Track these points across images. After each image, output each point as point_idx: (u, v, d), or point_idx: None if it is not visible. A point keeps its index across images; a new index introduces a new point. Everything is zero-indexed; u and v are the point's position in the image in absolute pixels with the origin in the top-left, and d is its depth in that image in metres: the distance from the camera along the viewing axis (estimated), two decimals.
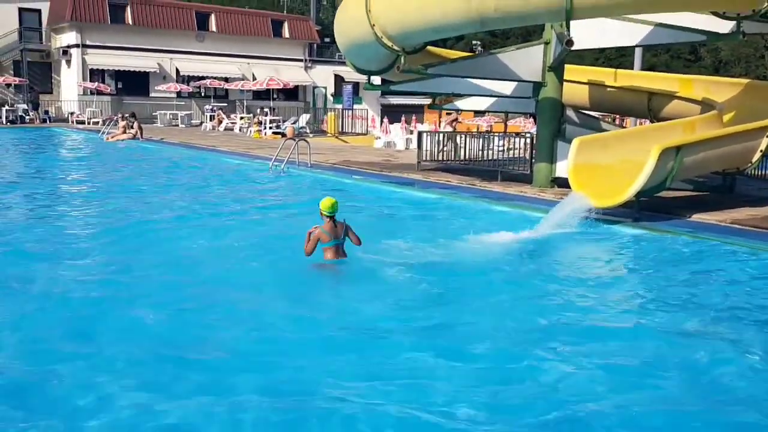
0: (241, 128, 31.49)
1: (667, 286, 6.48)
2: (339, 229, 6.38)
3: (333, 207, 6.31)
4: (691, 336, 5.12)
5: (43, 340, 4.85)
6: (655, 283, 6.66)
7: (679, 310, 5.73)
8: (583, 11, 8.92)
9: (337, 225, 6.39)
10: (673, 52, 63.63)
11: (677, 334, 5.17)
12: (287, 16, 47.45)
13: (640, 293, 6.37)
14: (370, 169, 15.11)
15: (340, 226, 6.41)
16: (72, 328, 5.09)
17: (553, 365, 4.46)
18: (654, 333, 5.17)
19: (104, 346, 4.69)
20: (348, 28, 11.34)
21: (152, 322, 5.16)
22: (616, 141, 9.90)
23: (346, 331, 5.12)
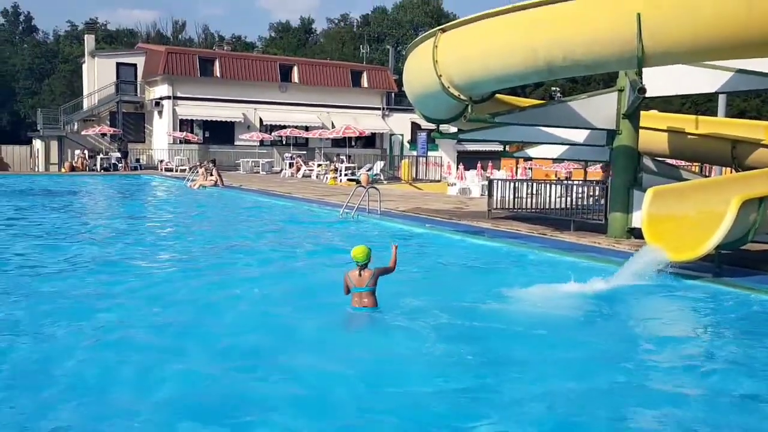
0: (318, 175, 32.17)
1: (748, 349, 5.99)
2: (363, 278, 6.33)
3: (356, 255, 6.31)
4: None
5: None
6: (733, 345, 6.17)
7: (760, 377, 5.27)
8: (656, 59, 8.64)
9: (362, 273, 6.34)
10: (764, 96, 60.87)
11: (754, 403, 4.73)
12: (366, 67, 48.67)
13: (715, 356, 5.90)
14: (439, 216, 15.01)
15: (366, 274, 6.34)
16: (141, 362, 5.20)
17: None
18: (729, 400, 4.76)
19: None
20: (416, 79, 11.43)
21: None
22: (694, 191, 9.41)
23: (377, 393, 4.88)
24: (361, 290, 6.35)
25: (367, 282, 6.32)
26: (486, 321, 6.74)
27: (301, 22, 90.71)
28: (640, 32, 8.09)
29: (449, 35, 10.09)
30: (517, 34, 9.15)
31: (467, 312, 6.96)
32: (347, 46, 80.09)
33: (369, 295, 6.36)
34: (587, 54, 8.77)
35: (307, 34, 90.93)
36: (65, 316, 6.66)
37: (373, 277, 6.34)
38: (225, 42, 61.69)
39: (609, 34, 8.43)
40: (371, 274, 6.33)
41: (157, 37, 77.40)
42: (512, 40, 9.21)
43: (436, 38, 10.13)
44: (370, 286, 6.34)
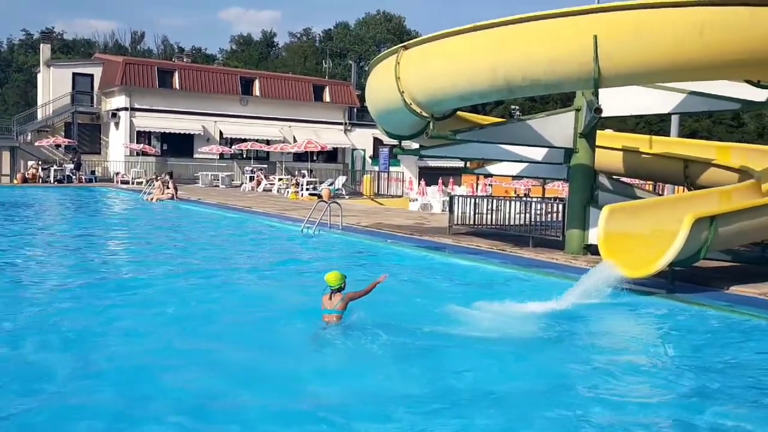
0: (279, 189, 31.98)
1: (700, 364, 6.13)
2: (333, 302, 6.66)
3: (328, 280, 6.64)
4: (720, 422, 4.79)
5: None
6: (686, 361, 6.32)
7: (709, 392, 5.39)
8: (612, 80, 8.87)
9: (332, 297, 6.67)
10: (715, 117, 63.01)
11: (707, 418, 4.84)
12: (329, 81, 48.77)
13: (668, 372, 6.02)
14: (400, 232, 15.05)
15: (336, 298, 6.65)
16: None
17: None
18: (680, 416, 4.86)
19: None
20: (378, 95, 11.49)
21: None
22: (648, 209, 9.64)
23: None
24: (329, 312, 6.66)
25: (335, 305, 6.64)
26: (440, 340, 6.74)
27: (263, 35, 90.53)
28: (597, 54, 8.30)
29: (411, 52, 10.19)
30: (479, 53, 9.29)
31: (422, 331, 6.96)
32: (309, 61, 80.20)
33: (335, 317, 6.64)
34: (546, 74, 8.95)
35: (269, 47, 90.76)
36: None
37: (342, 302, 6.64)
38: (185, 54, 61.06)
39: (567, 56, 8.63)
40: (341, 298, 6.64)
41: (115, 48, 76.32)
42: (473, 59, 9.35)
43: (398, 55, 10.21)
44: (338, 309, 6.64)
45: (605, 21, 8.47)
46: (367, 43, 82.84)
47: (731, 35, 8.25)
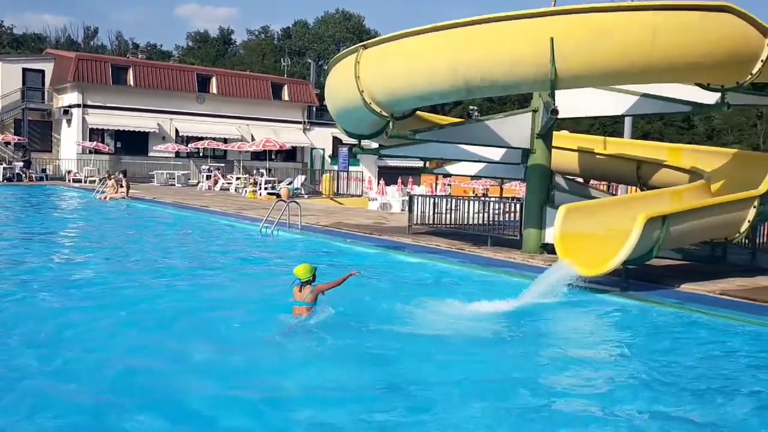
0: (237, 188, 31.62)
1: (650, 360, 6.29)
2: (302, 294, 6.88)
3: (297, 272, 6.88)
4: (671, 416, 4.92)
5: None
6: (638, 357, 6.47)
7: (659, 386, 5.53)
8: (568, 81, 9.02)
9: (302, 289, 6.90)
10: (666, 119, 64.71)
11: (657, 413, 4.97)
12: (287, 80, 48.42)
13: (621, 368, 6.15)
14: (360, 231, 15.03)
15: (306, 290, 6.88)
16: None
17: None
18: (633, 411, 4.97)
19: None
20: (338, 94, 11.45)
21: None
22: (603, 209, 9.85)
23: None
24: (299, 304, 6.87)
25: (305, 297, 6.86)
26: (399, 339, 6.75)
27: (221, 32, 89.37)
28: (554, 56, 8.44)
29: (371, 52, 10.18)
30: (438, 53, 9.34)
31: (380, 330, 6.99)
32: (268, 59, 79.53)
33: (304, 309, 6.84)
34: (504, 75, 9.06)
35: (227, 44, 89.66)
36: None
37: (311, 293, 6.85)
38: (140, 50, 59.88)
39: (525, 57, 8.75)
40: (310, 290, 6.85)
41: (67, 43, 74.35)
42: (433, 59, 9.39)
43: (358, 54, 10.19)
44: (308, 301, 6.85)
45: (562, 23, 8.62)
46: (326, 42, 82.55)
47: (682, 39, 8.50)
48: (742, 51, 8.76)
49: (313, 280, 6.89)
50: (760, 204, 9.89)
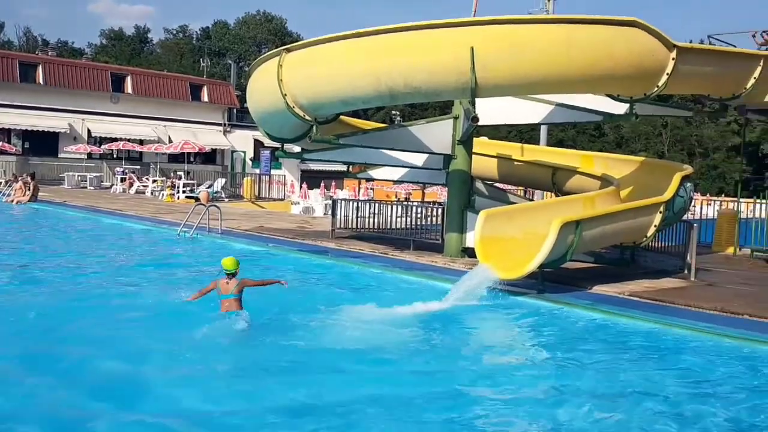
0: (153, 192, 30.66)
1: (564, 359, 6.54)
2: (229, 286, 7.06)
3: (225, 264, 7.11)
4: (582, 415, 5.13)
5: None
6: (553, 358, 6.70)
7: (573, 386, 5.76)
8: (487, 90, 9.26)
9: (229, 282, 7.08)
10: (579, 127, 67.32)
11: (571, 408, 5.17)
12: (207, 81, 47.38)
13: (537, 370, 6.35)
14: (282, 236, 14.89)
15: (233, 283, 7.07)
16: None
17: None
18: (549, 412, 5.16)
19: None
20: (260, 97, 11.32)
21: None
22: (521, 214, 10.17)
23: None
24: (227, 297, 7.05)
25: (232, 290, 7.05)
26: (320, 344, 6.76)
27: (136, 30, 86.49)
28: (474, 65, 8.65)
29: (294, 55, 10.12)
30: (362, 58, 9.39)
31: (301, 335, 6.97)
32: (186, 59, 77.56)
33: (234, 301, 7.04)
34: (426, 82, 9.20)
35: (143, 43, 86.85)
36: None
37: (238, 286, 7.08)
38: (50, 47, 57.06)
39: (446, 65, 8.92)
40: (237, 283, 7.07)
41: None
42: (356, 65, 9.44)
43: (280, 58, 10.12)
44: (235, 293, 7.05)
45: (482, 33, 8.84)
46: (247, 43, 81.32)
47: (594, 52, 8.89)
48: (649, 64, 9.25)
49: (237, 273, 7.14)
50: (666, 209, 10.46)
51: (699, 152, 66.16)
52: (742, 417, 5.12)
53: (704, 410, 5.22)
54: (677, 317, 7.87)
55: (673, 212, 10.77)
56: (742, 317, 7.94)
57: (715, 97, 11.34)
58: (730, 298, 8.95)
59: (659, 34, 9.21)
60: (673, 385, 5.80)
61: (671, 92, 11.22)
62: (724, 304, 8.42)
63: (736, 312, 8.10)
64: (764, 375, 6.18)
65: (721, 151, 64.43)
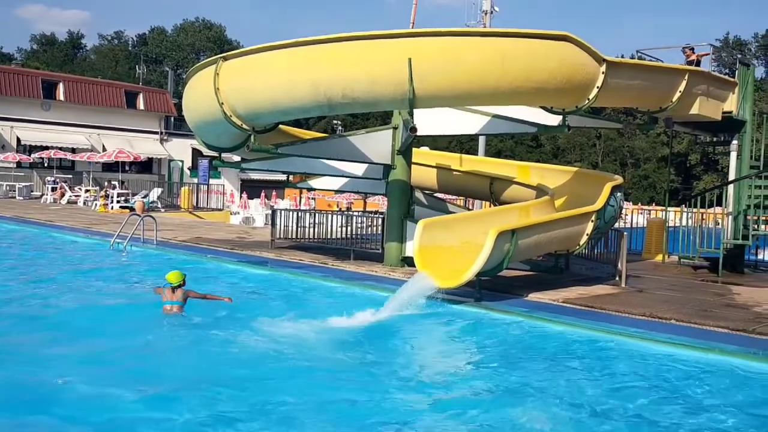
0: (86, 201, 29.70)
1: (501, 366, 6.65)
2: (175, 295, 7.96)
3: (169, 278, 7.95)
4: (518, 422, 5.22)
5: None
6: (489, 366, 6.81)
7: (509, 393, 5.86)
8: (425, 101, 9.37)
9: (175, 292, 7.97)
10: (517, 138, 68.84)
11: (509, 415, 5.25)
12: (142, 88, 46.24)
13: (474, 378, 6.43)
14: (221, 246, 14.65)
15: (179, 293, 7.97)
16: None
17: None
18: (485, 420, 5.22)
19: None
20: (197, 106, 11.13)
21: None
22: (459, 223, 10.30)
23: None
24: (172, 303, 7.94)
25: (178, 298, 7.95)
26: (256, 356, 6.68)
27: (69, 35, 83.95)
28: (411, 76, 8.74)
29: (231, 64, 10.00)
30: (300, 68, 9.35)
31: (238, 346, 6.89)
32: (122, 65, 75.70)
33: (178, 307, 7.94)
34: (365, 93, 9.24)
35: (76, 49, 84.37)
36: None
37: (183, 296, 7.97)
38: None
39: (385, 76, 8.98)
40: (183, 293, 7.97)
41: None
42: (294, 74, 9.39)
43: (217, 66, 9.98)
44: (180, 301, 7.95)
45: (419, 45, 8.95)
46: (185, 50, 79.95)
47: (529, 64, 9.12)
48: (580, 77, 9.54)
49: (183, 284, 8.00)
50: (597, 218, 10.79)
51: (631, 162, 68.66)
52: (659, 415, 5.32)
53: (630, 409, 5.40)
54: (608, 323, 8.10)
55: (604, 221, 11.11)
56: (669, 322, 8.24)
57: (644, 109, 11.81)
58: (658, 304, 9.29)
59: (590, 49, 9.52)
60: (602, 390, 5.97)
61: (602, 105, 11.60)
62: (653, 310, 8.73)
63: (663, 317, 8.40)
64: (687, 377, 6.43)
65: (651, 162, 67.04)
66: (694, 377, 6.41)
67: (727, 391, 6.03)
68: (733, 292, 10.85)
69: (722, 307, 9.30)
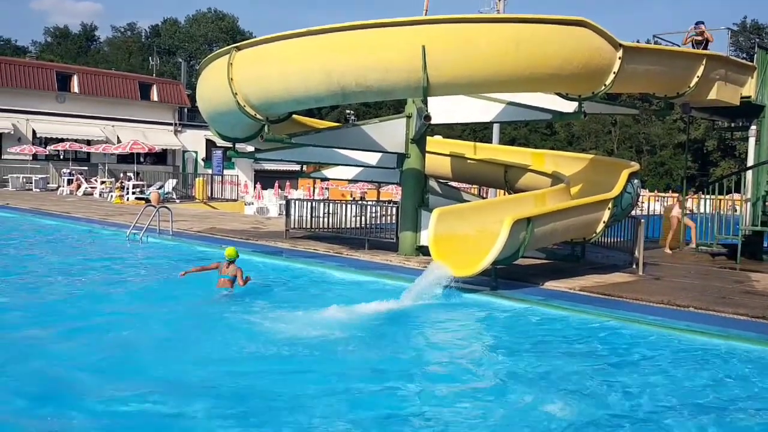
0: (102, 193, 29.90)
1: (520, 356, 6.62)
2: (229, 269, 8.84)
3: (228, 254, 8.88)
4: (539, 410, 5.19)
5: None
6: (508, 354, 6.78)
7: (529, 381, 5.83)
8: (439, 89, 9.31)
9: (229, 266, 8.85)
10: (531, 126, 68.38)
11: (528, 407, 5.23)
12: (156, 80, 46.38)
13: (493, 366, 6.41)
14: (236, 237, 14.68)
15: (232, 267, 8.85)
16: None
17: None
18: (505, 408, 5.20)
19: None
20: (210, 96, 11.13)
21: None
22: (473, 212, 10.24)
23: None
24: (225, 277, 8.81)
25: (231, 272, 8.79)
26: (276, 344, 6.70)
27: (83, 28, 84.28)
28: (426, 64, 8.67)
29: (245, 54, 9.98)
30: (313, 57, 9.32)
31: (253, 339, 6.91)
32: (135, 57, 75.90)
33: (227, 281, 8.78)
34: (378, 81, 9.18)
35: (89, 41, 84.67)
36: None
37: (235, 271, 8.81)
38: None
39: (398, 64, 8.92)
40: (235, 268, 8.84)
41: None
42: (308, 63, 9.36)
43: (231, 56, 9.96)
44: (232, 275, 8.79)
45: (433, 32, 8.87)
46: (198, 41, 79.99)
47: (544, 50, 9.01)
48: (597, 63, 9.43)
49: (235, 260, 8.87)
50: (614, 206, 10.69)
51: (647, 149, 67.95)
52: (690, 402, 5.28)
53: (647, 397, 5.37)
54: (626, 311, 8.04)
55: (621, 208, 11.01)
56: (688, 310, 8.16)
57: (661, 95, 11.66)
58: (676, 291, 9.20)
59: (606, 34, 9.39)
60: (625, 378, 5.93)
61: (618, 91, 11.47)
62: (671, 297, 8.64)
63: (681, 305, 8.32)
64: (708, 364, 6.36)
65: (667, 149, 66.32)
66: (713, 364, 6.35)
67: (749, 378, 5.97)
68: (752, 279, 10.73)
69: (741, 294, 9.20)
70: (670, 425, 4.88)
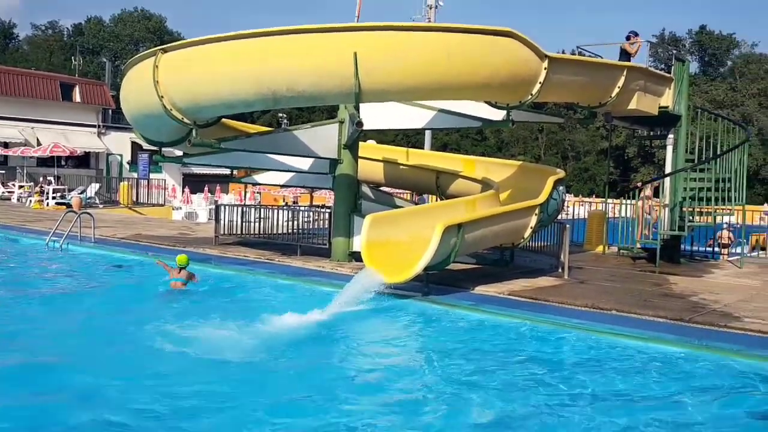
0: (20, 198, 28.56)
1: (450, 362, 6.68)
2: (182, 274, 9.77)
3: (180, 261, 9.81)
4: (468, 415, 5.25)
5: None
6: (438, 359, 6.83)
7: (459, 386, 5.90)
8: (371, 95, 9.32)
9: (181, 272, 9.77)
10: (462, 131, 69.56)
11: (457, 411, 5.28)
12: (79, 80, 44.65)
13: (423, 372, 6.45)
14: (162, 243, 14.27)
15: (184, 272, 9.80)
16: None
17: None
18: (434, 415, 5.24)
19: None
20: (135, 99, 10.78)
21: None
22: (406, 218, 10.29)
23: None
24: (176, 280, 9.69)
25: (184, 276, 9.76)
26: (202, 354, 6.55)
27: (1, 25, 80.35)
28: (357, 70, 8.67)
29: (171, 56, 9.72)
30: (243, 61, 9.16)
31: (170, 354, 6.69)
32: (56, 56, 72.95)
33: (182, 284, 9.68)
34: (310, 86, 9.12)
35: (8, 39, 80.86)
36: None
37: (187, 275, 9.78)
38: None
39: (330, 70, 8.89)
40: (187, 274, 9.79)
41: None
42: (237, 67, 9.19)
43: (156, 58, 9.69)
44: (185, 279, 9.75)
45: (365, 39, 8.88)
46: (124, 41, 77.64)
47: (473, 60, 9.17)
48: (524, 73, 9.66)
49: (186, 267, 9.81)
50: (541, 212, 10.96)
51: (572, 155, 70.30)
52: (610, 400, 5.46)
53: (580, 398, 5.51)
54: (553, 314, 8.25)
55: (547, 214, 11.30)
56: (611, 313, 8.45)
57: (584, 105, 12.06)
58: (599, 295, 9.51)
59: (532, 45, 9.64)
60: (551, 378, 6.08)
61: (544, 100, 11.80)
62: (594, 301, 8.93)
63: (604, 308, 8.61)
64: (629, 364, 6.60)
65: (591, 155, 68.80)
66: (634, 366, 6.59)
67: (668, 379, 6.22)
68: (671, 282, 11.21)
69: (660, 297, 9.60)
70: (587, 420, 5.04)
